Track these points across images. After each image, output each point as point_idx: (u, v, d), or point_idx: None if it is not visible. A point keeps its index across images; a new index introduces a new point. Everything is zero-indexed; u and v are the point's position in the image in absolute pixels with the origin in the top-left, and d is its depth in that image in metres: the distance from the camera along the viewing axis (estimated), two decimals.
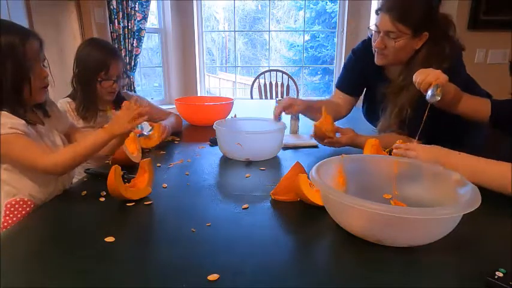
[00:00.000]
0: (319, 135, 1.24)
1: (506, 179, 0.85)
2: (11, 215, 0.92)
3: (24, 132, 0.88)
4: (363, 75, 1.39)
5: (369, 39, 1.33)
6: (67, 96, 1.43)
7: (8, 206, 0.92)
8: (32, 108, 0.98)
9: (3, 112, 0.87)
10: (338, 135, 1.26)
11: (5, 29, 0.89)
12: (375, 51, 1.23)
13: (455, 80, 1.17)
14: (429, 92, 0.95)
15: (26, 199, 0.94)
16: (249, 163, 1.21)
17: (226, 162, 1.24)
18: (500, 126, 1.10)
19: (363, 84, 1.44)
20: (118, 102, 1.49)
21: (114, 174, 0.85)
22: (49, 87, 0.99)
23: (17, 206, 0.93)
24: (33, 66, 0.92)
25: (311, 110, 1.37)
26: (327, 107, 1.26)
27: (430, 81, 0.97)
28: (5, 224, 0.90)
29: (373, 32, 1.21)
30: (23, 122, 0.89)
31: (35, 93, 0.93)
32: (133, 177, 0.97)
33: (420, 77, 1.00)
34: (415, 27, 1.11)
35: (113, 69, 1.38)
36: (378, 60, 1.23)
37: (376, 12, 1.19)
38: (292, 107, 1.31)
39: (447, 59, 1.14)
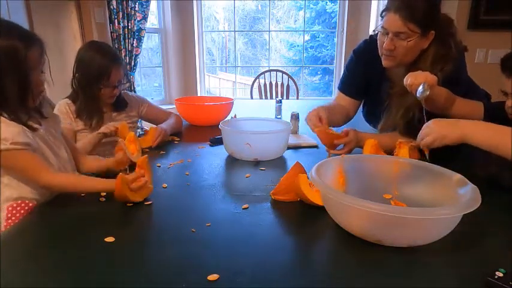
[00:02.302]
0: (325, 139, 1.22)
1: None
2: (13, 218, 0.92)
3: (25, 144, 0.87)
4: (365, 77, 1.38)
5: (371, 39, 1.32)
6: (66, 98, 1.42)
7: (10, 208, 0.92)
8: (30, 111, 0.98)
9: (3, 119, 0.86)
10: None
11: (8, 32, 0.87)
12: (382, 54, 1.21)
13: (458, 81, 1.17)
14: (419, 88, 0.98)
15: (27, 201, 0.94)
16: (257, 163, 1.21)
17: (226, 162, 1.24)
18: None
19: (366, 86, 1.43)
20: (118, 104, 1.50)
21: (121, 182, 0.85)
22: (48, 87, 0.98)
23: (18, 208, 0.92)
24: (33, 74, 0.90)
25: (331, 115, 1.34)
26: (335, 111, 1.25)
27: (420, 81, 0.99)
28: (8, 227, 0.90)
29: (380, 34, 1.19)
30: (21, 129, 0.88)
31: (29, 100, 0.93)
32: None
33: (410, 79, 1.02)
34: (423, 25, 1.11)
35: (115, 76, 1.37)
36: (386, 62, 1.21)
37: (381, 14, 1.18)
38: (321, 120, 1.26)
39: (452, 59, 1.14)
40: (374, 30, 1.25)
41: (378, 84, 1.32)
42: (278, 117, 1.82)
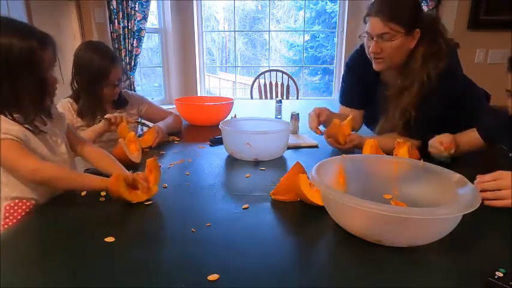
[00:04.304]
0: (333, 133, 1.23)
1: None
2: (10, 217, 0.91)
3: (17, 138, 0.86)
4: (362, 86, 1.39)
5: (361, 48, 1.34)
6: (68, 97, 1.43)
7: (8, 208, 0.92)
8: (40, 111, 0.98)
9: (3, 118, 0.86)
10: None
11: (24, 33, 0.87)
12: (371, 57, 1.22)
13: (453, 78, 1.17)
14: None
15: (25, 200, 0.94)
16: (257, 163, 1.21)
17: (226, 162, 1.24)
18: (497, 142, 1.15)
19: (365, 94, 1.43)
20: (118, 102, 1.50)
21: (117, 181, 0.85)
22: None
23: (16, 207, 0.92)
24: (48, 74, 0.91)
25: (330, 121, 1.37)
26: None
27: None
28: (5, 226, 0.90)
29: (366, 39, 1.21)
30: (18, 128, 0.87)
31: (48, 98, 0.93)
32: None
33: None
34: (406, 24, 1.12)
35: (113, 76, 1.38)
36: (376, 66, 1.22)
37: (364, 20, 1.20)
38: (321, 115, 1.31)
39: (444, 57, 1.15)
40: (359, 37, 1.26)
41: (374, 88, 1.33)
42: (278, 117, 1.82)
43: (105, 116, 1.34)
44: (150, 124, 1.52)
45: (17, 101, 0.87)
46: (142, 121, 1.50)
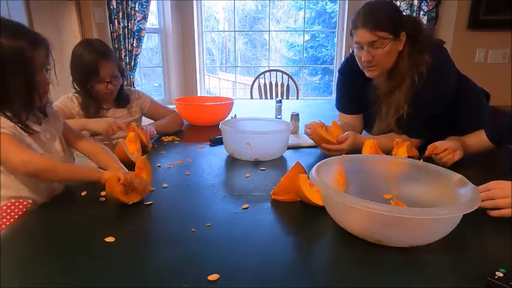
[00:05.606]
0: (319, 138, 1.22)
1: None
2: (8, 217, 0.91)
3: (10, 131, 0.86)
4: (356, 91, 1.40)
5: (351, 56, 1.35)
6: (75, 92, 1.44)
7: (4, 207, 0.92)
8: (33, 110, 0.98)
9: None
10: None
11: (13, 32, 0.86)
12: (364, 67, 1.24)
13: (443, 75, 1.19)
14: None
15: (22, 200, 0.93)
16: (257, 163, 1.21)
17: (226, 162, 1.24)
18: (505, 144, 1.14)
19: (360, 99, 1.44)
20: (120, 99, 1.50)
21: (112, 184, 0.84)
22: (51, 87, 0.98)
23: (13, 207, 0.92)
24: (39, 74, 0.90)
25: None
26: (344, 129, 1.28)
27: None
28: (3, 226, 0.90)
29: (356, 50, 1.23)
30: (12, 124, 0.87)
31: (36, 100, 0.93)
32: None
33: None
34: (393, 30, 1.15)
35: (104, 72, 1.37)
36: (370, 74, 1.24)
37: (351, 33, 1.23)
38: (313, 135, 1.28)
39: (428, 52, 1.17)
40: (349, 48, 1.30)
41: (367, 93, 1.35)
42: (278, 117, 1.82)
43: (100, 131, 1.33)
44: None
45: (7, 100, 0.87)
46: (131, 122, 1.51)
